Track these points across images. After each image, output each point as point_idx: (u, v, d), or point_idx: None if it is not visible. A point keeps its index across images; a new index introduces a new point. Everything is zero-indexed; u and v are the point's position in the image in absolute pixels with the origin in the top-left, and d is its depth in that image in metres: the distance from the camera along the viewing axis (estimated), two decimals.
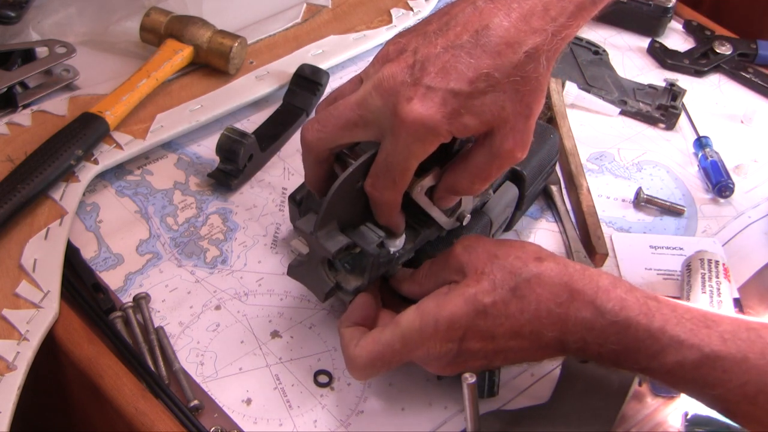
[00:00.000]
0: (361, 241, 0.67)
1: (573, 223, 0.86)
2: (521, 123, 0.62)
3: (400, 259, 0.69)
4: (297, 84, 0.93)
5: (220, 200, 0.85)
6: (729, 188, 0.90)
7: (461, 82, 0.59)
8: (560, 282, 0.62)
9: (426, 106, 0.59)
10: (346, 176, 0.64)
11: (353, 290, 0.68)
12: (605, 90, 1.01)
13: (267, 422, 0.68)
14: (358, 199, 0.66)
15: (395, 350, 0.64)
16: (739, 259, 0.84)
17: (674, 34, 1.12)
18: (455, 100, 0.60)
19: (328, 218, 0.65)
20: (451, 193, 0.67)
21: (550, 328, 0.62)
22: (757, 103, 1.03)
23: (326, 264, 0.68)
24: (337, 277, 0.68)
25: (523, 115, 0.61)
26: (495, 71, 0.60)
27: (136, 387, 0.69)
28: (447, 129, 0.60)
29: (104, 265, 0.78)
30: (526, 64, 0.60)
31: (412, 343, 0.63)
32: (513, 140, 0.62)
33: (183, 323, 0.74)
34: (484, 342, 0.63)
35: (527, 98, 0.61)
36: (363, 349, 0.65)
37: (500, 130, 0.62)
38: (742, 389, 0.58)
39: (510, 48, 0.60)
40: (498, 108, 0.60)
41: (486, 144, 0.63)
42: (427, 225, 0.70)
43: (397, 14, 1.05)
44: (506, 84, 0.60)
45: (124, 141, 0.86)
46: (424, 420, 0.70)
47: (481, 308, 0.62)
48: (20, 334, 0.70)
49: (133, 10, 0.99)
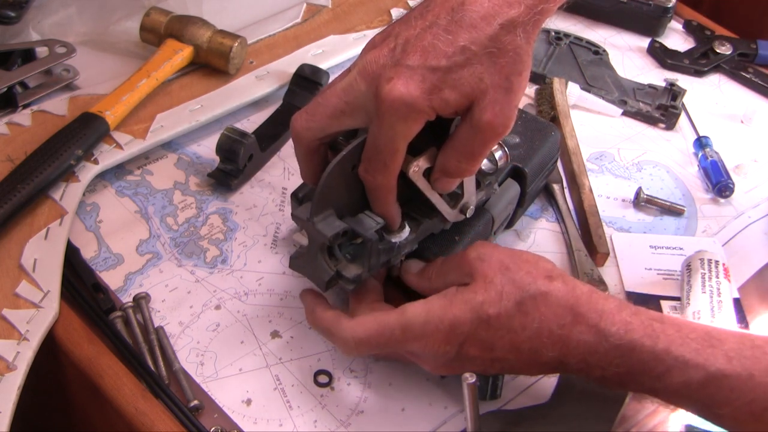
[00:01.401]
0: (359, 228, 0.66)
1: (575, 221, 0.86)
2: (501, 95, 0.62)
3: (402, 249, 0.69)
4: (297, 84, 0.93)
5: (220, 200, 0.85)
6: (729, 188, 0.90)
7: (439, 58, 0.61)
8: (565, 304, 0.62)
9: (406, 85, 0.60)
10: (338, 160, 0.64)
11: (353, 278, 0.67)
12: (605, 90, 1.01)
13: (267, 422, 0.68)
14: (355, 186, 0.66)
15: (394, 335, 0.64)
16: (739, 259, 0.84)
17: (674, 34, 1.12)
18: (434, 76, 0.61)
19: (324, 204, 0.65)
20: (444, 174, 0.67)
21: (550, 347, 0.62)
22: (757, 103, 1.03)
23: (326, 252, 0.68)
24: (337, 266, 0.68)
25: (503, 87, 0.62)
26: (471, 44, 0.61)
27: (136, 387, 0.68)
28: (428, 105, 0.61)
29: (104, 265, 0.78)
30: (501, 36, 0.61)
31: (413, 334, 0.64)
32: (492, 112, 0.62)
33: (183, 323, 0.74)
34: (482, 351, 0.64)
35: (505, 70, 0.61)
36: (362, 325, 0.66)
37: (479, 102, 0.62)
38: (749, 407, 0.58)
39: (485, 21, 0.61)
40: (476, 80, 0.61)
41: (467, 118, 0.63)
42: (429, 216, 0.70)
43: (397, 14, 1.05)
44: (483, 56, 0.61)
45: (124, 141, 0.86)
46: (424, 420, 0.69)
47: (485, 318, 0.63)
48: (20, 334, 0.70)
49: (133, 10, 0.99)
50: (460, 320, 0.63)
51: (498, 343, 0.63)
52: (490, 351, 0.63)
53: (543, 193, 0.88)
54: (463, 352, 0.64)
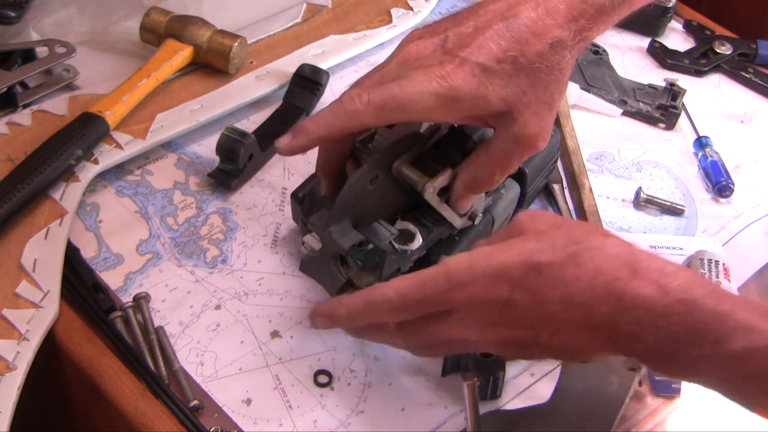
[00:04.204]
0: (373, 238, 0.67)
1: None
2: (545, 111, 0.63)
3: (412, 256, 0.70)
4: (297, 84, 0.93)
5: (220, 200, 0.85)
6: (729, 188, 0.90)
7: (490, 58, 0.62)
8: (623, 258, 0.58)
9: (455, 71, 0.62)
10: (362, 172, 0.65)
11: (365, 287, 0.68)
12: (605, 90, 1.01)
13: (267, 422, 0.68)
14: (371, 196, 0.67)
15: (438, 286, 0.60)
16: (739, 259, 0.84)
17: (674, 34, 1.11)
18: (483, 74, 0.62)
19: (341, 215, 0.66)
20: (471, 188, 0.67)
21: (604, 301, 0.57)
22: (757, 103, 1.03)
23: (338, 260, 0.68)
24: (348, 273, 0.69)
25: (547, 103, 0.63)
26: (521, 56, 0.62)
27: (136, 387, 0.68)
28: (471, 96, 0.62)
29: (104, 264, 0.78)
30: (550, 55, 0.63)
31: (457, 280, 0.59)
32: (537, 125, 0.63)
33: (183, 323, 0.74)
34: (532, 302, 0.58)
35: (551, 87, 0.63)
36: (403, 280, 0.61)
37: (522, 114, 0.63)
38: None
39: (536, 37, 0.63)
40: (520, 92, 0.63)
41: (508, 129, 0.64)
42: (439, 224, 0.71)
43: (397, 14, 1.05)
44: (531, 70, 0.62)
45: (124, 141, 0.86)
46: (424, 420, 0.69)
47: (535, 264, 0.58)
48: (20, 333, 0.70)
49: (133, 10, 0.99)
50: (509, 263, 0.58)
51: (549, 294, 0.58)
52: (540, 304, 0.58)
53: (543, 193, 0.88)
54: (512, 299, 0.58)
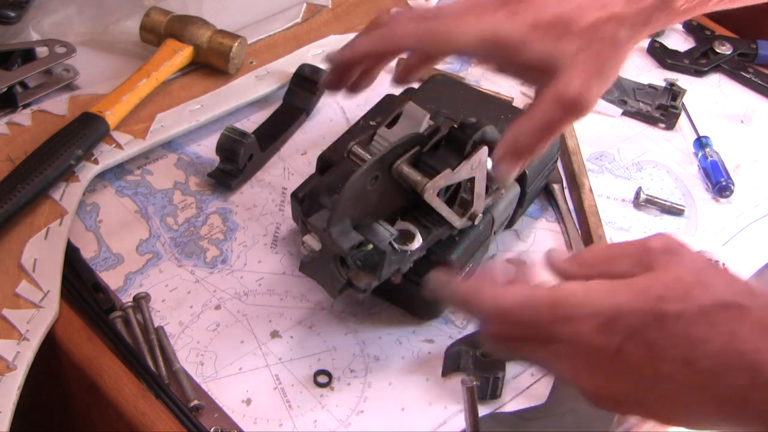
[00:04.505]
0: (373, 239, 0.67)
1: (574, 222, 0.86)
2: (592, 75, 0.63)
3: (412, 256, 0.69)
4: (297, 84, 0.93)
5: (220, 200, 0.85)
6: (729, 188, 0.90)
7: (545, 15, 0.64)
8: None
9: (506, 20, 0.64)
10: (361, 173, 0.65)
11: (364, 287, 0.68)
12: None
13: (267, 422, 0.68)
14: (371, 196, 0.67)
15: (539, 314, 0.52)
16: (739, 259, 0.84)
17: (674, 34, 1.11)
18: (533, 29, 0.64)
19: (341, 216, 0.66)
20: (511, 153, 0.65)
21: (737, 373, 0.49)
22: (757, 103, 1.03)
23: (338, 261, 0.68)
24: (348, 273, 0.69)
25: (596, 66, 0.63)
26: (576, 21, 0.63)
27: (136, 387, 0.69)
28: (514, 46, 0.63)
29: (104, 265, 0.78)
30: (607, 26, 0.63)
31: (564, 313, 0.52)
32: (582, 84, 0.63)
33: (183, 323, 0.74)
34: (648, 358, 0.50)
35: (602, 55, 0.63)
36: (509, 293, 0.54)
37: (566, 73, 0.63)
38: None
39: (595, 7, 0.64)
40: (568, 52, 0.63)
41: (550, 87, 0.64)
42: (439, 224, 0.71)
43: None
44: (584, 35, 0.63)
45: (124, 141, 0.86)
46: (424, 420, 0.69)
47: (660, 315, 0.50)
48: (20, 333, 0.70)
49: (133, 10, 0.99)
50: (628, 308, 0.50)
51: (670, 352, 0.50)
52: (657, 361, 0.50)
53: (543, 193, 0.88)
54: (624, 352, 0.50)
